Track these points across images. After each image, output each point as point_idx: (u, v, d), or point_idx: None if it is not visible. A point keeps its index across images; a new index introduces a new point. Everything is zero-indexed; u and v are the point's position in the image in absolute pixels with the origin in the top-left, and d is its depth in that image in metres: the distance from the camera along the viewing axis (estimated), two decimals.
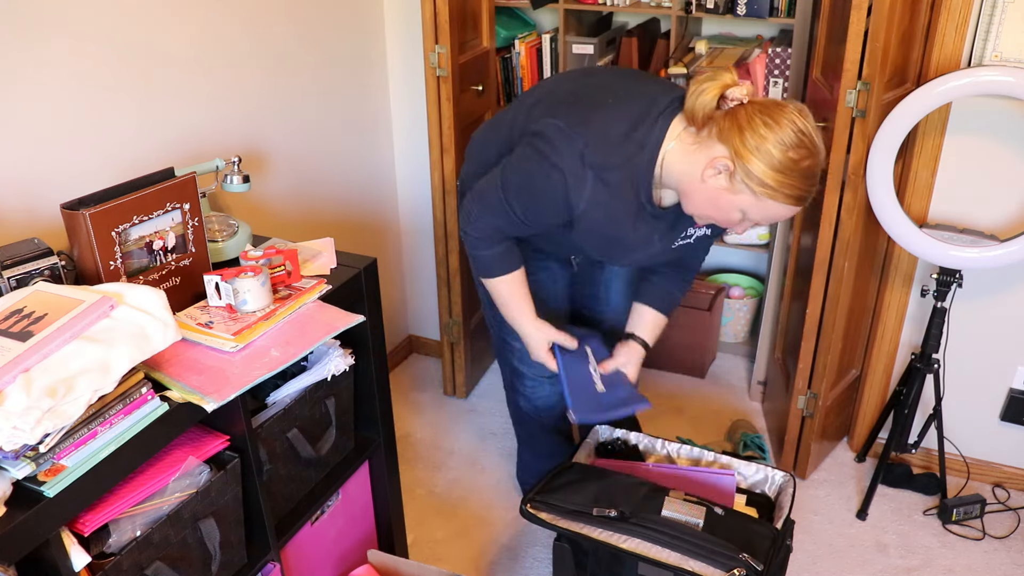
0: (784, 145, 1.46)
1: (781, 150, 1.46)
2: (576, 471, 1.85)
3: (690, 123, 1.56)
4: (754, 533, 1.68)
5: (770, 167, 1.47)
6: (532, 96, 1.79)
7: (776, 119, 1.47)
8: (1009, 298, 2.27)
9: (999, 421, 2.43)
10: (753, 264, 3.27)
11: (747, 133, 1.47)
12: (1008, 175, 2.14)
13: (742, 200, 1.53)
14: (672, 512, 1.69)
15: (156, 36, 1.80)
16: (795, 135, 1.46)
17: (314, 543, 1.75)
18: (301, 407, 1.61)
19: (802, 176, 1.48)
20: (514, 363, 2.10)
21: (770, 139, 1.46)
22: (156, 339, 1.26)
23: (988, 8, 1.98)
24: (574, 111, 1.61)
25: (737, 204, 1.54)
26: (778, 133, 1.46)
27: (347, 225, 2.61)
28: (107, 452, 1.19)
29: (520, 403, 2.17)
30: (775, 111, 1.48)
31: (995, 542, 2.31)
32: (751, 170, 1.48)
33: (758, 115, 1.48)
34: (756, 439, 2.62)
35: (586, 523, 1.72)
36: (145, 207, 1.43)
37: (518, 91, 2.86)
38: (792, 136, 1.46)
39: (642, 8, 2.73)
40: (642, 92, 1.64)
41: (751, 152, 1.47)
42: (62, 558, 1.16)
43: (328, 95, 2.41)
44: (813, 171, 1.50)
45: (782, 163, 1.46)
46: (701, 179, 1.54)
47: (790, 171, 1.47)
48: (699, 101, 1.52)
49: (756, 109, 1.49)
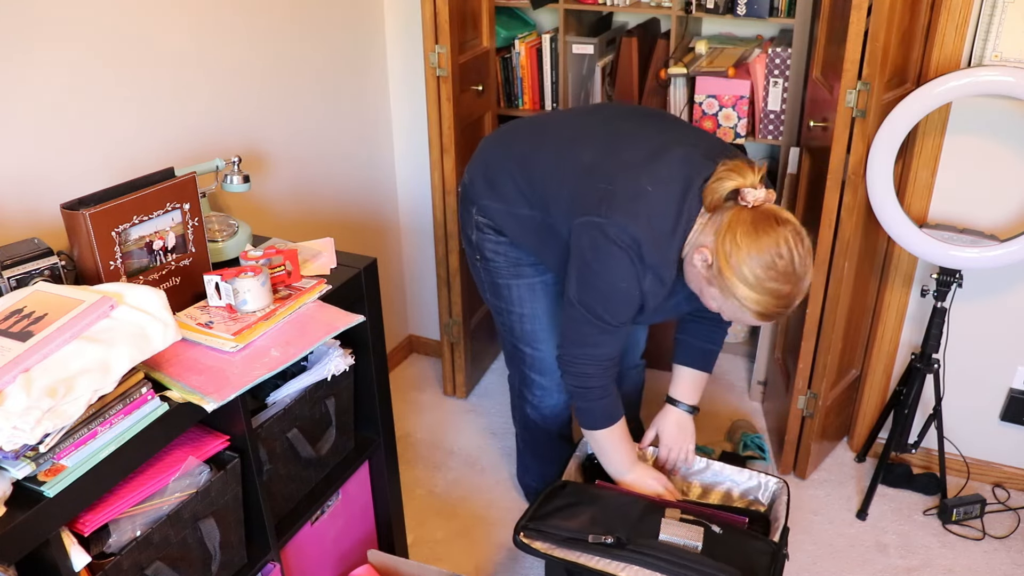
0: (756, 263, 1.48)
1: (751, 266, 1.49)
2: (569, 493, 1.81)
3: (703, 204, 1.58)
4: (753, 550, 1.67)
5: (738, 278, 1.50)
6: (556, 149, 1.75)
7: (761, 235, 1.48)
8: (1009, 298, 2.27)
9: (999, 421, 2.43)
10: None
11: (727, 238, 1.50)
12: (1008, 175, 2.14)
13: (713, 293, 1.57)
14: (670, 536, 1.66)
15: (156, 36, 1.80)
16: (772, 256, 1.48)
17: (314, 543, 1.75)
18: (301, 407, 1.61)
19: (769, 295, 1.50)
20: (524, 370, 2.09)
21: (743, 253, 1.49)
22: (156, 339, 1.26)
23: (988, 8, 1.98)
24: (620, 208, 1.59)
25: (711, 294, 1.58)
26: (755, 250, 1.48)
27: (347, 225, 2.61)
28: (107, 452, 1.19)
29: (527, 410, 2.16)
30: (766, 226, 1.49)
31: (995, 542, 2.31)
32: (724, 274, 1.51)
33: (747, 224, 1.49)
34: (756, 439, 2.62)
35: (583, 551, 1.68)
36: (145, 207, 1.43)
37: (518, 91, 2.85)
38: (768, 257, 1.48)
39: (642, 8, 2.73)
40: (678, 168, 1.61)
41: (725, 258, 1.50)
42: (62, 558, 1.16)
43: (328, 95, 2.41)
44: (783, 294, 1.51)
45: (748, 279, 1.49)
46: (691, 260, 1.59)
47: (755, 287, 1.50)
48: (713, 190, 1.55)
49: (750, 217, 1.50)
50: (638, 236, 1.57)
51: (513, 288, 1.97)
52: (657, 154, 1.64)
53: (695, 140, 1.69)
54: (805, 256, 1.51)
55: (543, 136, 1.83)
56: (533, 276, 1.96)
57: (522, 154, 1.82)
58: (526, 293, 1.97)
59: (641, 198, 1.59)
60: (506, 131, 1.93)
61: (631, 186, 1.60)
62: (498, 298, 2.01)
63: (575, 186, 1.68)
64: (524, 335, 2.02)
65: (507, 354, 2.15)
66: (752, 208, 1.52)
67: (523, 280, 1.96)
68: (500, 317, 2.05)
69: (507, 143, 1.89)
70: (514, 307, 1.99)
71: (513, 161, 1.83)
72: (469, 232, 1.97)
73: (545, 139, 1.81)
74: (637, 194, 1.59)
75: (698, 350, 2.00)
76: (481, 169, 1.90)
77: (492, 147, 1.92)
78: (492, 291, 2.02)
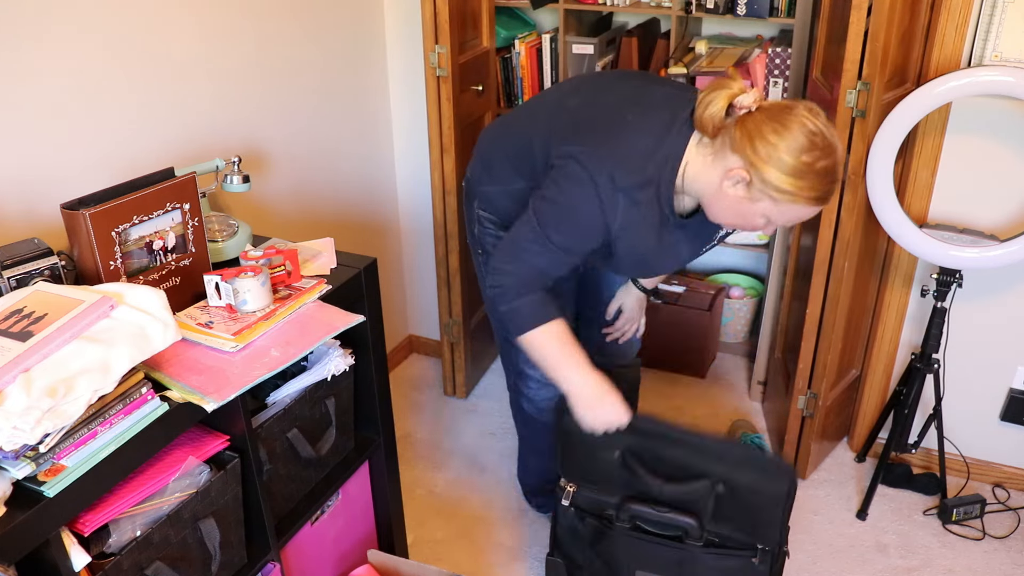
0: (797, 150, 1.44)
1: (794, 155, 1.44)
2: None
3: (703, 134, 1.55)
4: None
5: (785, 173, 1.45)
6: (545, 108, 1.77)
7: (786, 124, 1.45)
8: (1009, 298, 2.27)
9: (999, 421, 2.43)
10: (753, 264, 3.27)
11: (758, 142, 1.46)
12: (1008, 175, 2.14)
13: (763, 207, 1.52)
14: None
15: (156, 36, 1.80)
16: (807, 138, 1.44)
17: (314, 543, 1.75)
18: (301, 407, 1.61)
19: (820, 176, 1.47)
20: (519, 365, 2.09)
21: (781, 146, 1.44)
22: (156, 339, 1.26)
23: (988, 8, 1.98)
24: (598, 134, 1.60)
25: (759, 211, 1.53)
26: (789, 138, 1.44)
27: (347, 225, 2.61)
28: (107, 452, 1.19)
29: (523, 404, 2.16)
30: (784, 115, 1.46)
31: (995, 542, 2.31)
32: (767, 178, 1.47)
33: (767, 122, 1.46)
34: (756, 439, 2.62)
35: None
36: (145, 207, 1.43)
37: (518, 91, 2.86)
38: (804, 139, 1.45)
39: (642, 8, 2.73)
40: (662, 104, 1.62)
41: (764, 161, 1.46)
42: (62, 558, 1.16)
43: (328, 95, 2.41)
44: (831, 170, 1.48)
45: (797, 168, 1.45)
46: (720, 190, 1.54)
47: (806, 174, 1.46)
48: (707, 113, 1.51)
49: (765, 116, 1.47)
50: (611, 160, 1.55)
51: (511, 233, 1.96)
52: (639, 94, 1.66)
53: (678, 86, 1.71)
54: (829, 124, 1.49)
55: (534, 108, 1.84)
56: None
57: (515, 128, 1.83)
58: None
59: (622, 128, 1.59)
60: (500, 119, 1.95)
61: (614, 118, 1.61)
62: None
63: (561, 129, 1.68)
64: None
65: (502, 349, 2.15)
66: (757, 110, 1.49)
67: None
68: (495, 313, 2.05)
69: (503, 127, 1.90)
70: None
71: (506, 138, 1.84)
72: (472, 227, 1.98)
73: (537, 109, 1.82)
74: (618, 125, 1.60)
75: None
76: (479, 156, 1.93)
77: (488, 132, 1.94)
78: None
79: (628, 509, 1.74)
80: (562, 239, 1.62)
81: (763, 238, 2.87)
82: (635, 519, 1.75)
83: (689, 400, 2.90)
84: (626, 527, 1.76)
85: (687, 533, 1.71)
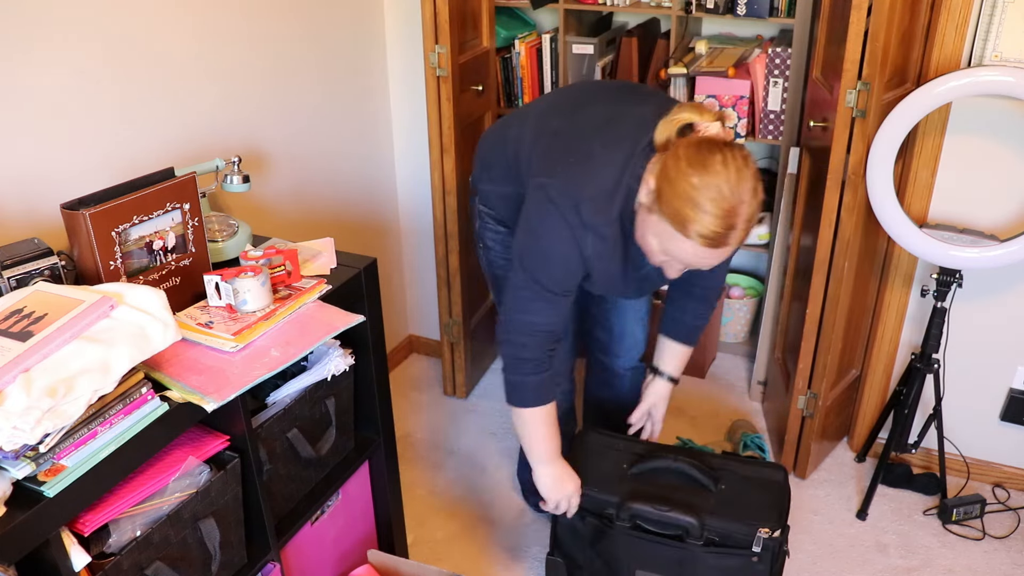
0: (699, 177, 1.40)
1: (694, 181, 1.40)
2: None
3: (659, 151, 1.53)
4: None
5: (679, 196, 1.42)
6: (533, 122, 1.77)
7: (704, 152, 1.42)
8: (1009, 298, 2.27)
9: (999, 421, 2.43)
10: (753, 264, 3.27)
11: (669, 158, 1.45)
12: (1008, 175, 2.14)
13: (652, 221, 1.49)
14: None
15: (156, 36, 1.80)
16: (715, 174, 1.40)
17: (314, 543, 1.75)
18: (301, 407, 1.61)
19: (713, 214, 1.41)
20: None
21: (684, 166, 1.42)
22: (156, 339, 1.26)
23: (988, 8, 1.98)
24: (569, 167, 1.59)
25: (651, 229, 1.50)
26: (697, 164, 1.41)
27: (347, 225, 2.61)
28: (107, 452, 1.19)
29: None
30: (710, 147, 1.42)
31: (995, 542, 2.31)
32: (663, 195, 1.44)
33: (693, 145, 1.44)
34: (756, 439, 2.62)
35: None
36: (145, 207, 1.43)
37: (518, 91, 2.86)
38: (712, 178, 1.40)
39: (642, 8, 2.73)
40: (630, 130, 1.59)
41: (667, 176, 1.43)
42: (62, 558, 1.16)
43: (328, 95, 2.41)
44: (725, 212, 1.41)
45: (694, 193, 1.40)
46: (639, 202, 1.54)
47: (699, 206, 1.40)
48: (668, 121, 1.50)
49: (697, 140, 1.45)
50: (578, 196, 1.56)
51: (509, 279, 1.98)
52: (613, 118, 1.64)
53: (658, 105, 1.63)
54: (750, 178, 1.42)
55: (528, 112, 1.84)
56: None
57: (508, 135, 1.84)
58: None
59: (589, 159, 1.58)
60: (504, 119, 1.96)
61: (583, 148, 1.60)
62: (497, 289, 2.03)
63: (540, 152, 1.69)
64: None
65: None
66: (708, 136, 1.46)
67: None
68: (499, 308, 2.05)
69: (503, 127, 1.91)
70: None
71: (501, 143, 1.85)
72: (475, 222, 2.00)
73: (529, 114, 1.83)
74: (587, 155, 1.59)
75: (684, 325, 1.98)
76: (480, 155, 1.95)
77: (488, 134, 1.96)
78: (492, 281, 2.04)
79: (628, 508, 1.74)
80: (559, 285, 1.65)
81: (763, 238, 2.87)
82: (635, 518, 1.75)
83: (689, 400, 2.90)
84: (626, 526, 1.76)
85: (687, 532, 1.71)
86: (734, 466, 1.83)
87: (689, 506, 1.71)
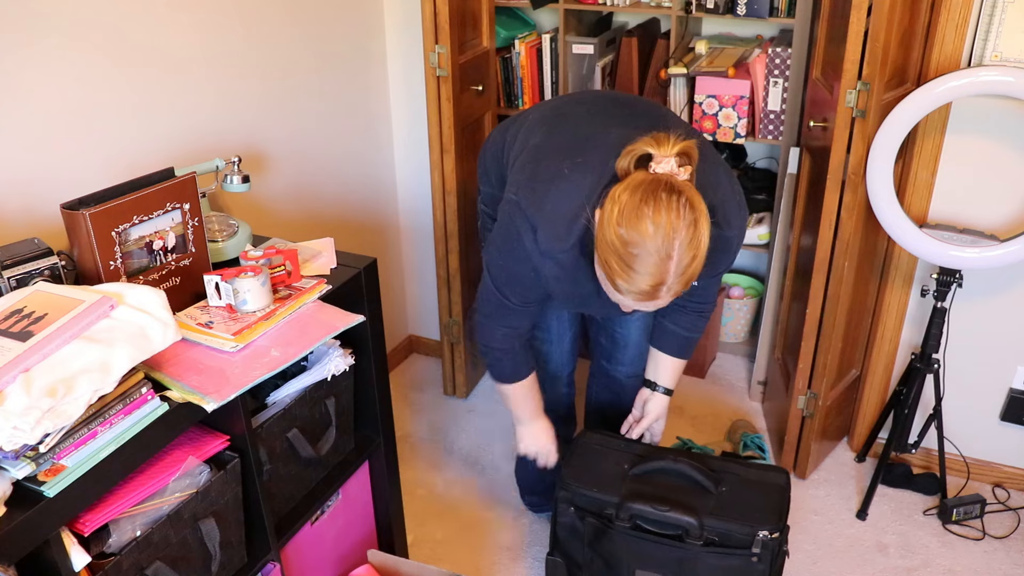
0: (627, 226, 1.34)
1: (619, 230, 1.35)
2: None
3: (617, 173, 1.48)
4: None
5: (604, 242, 1.38)
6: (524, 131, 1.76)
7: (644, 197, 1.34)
8: (1009, 298, 2.27)
9: (999, 421, 2.43)
10: (753, 264, 3.27)
11: (611, 196, 1.39)
12: (1008, 175, 2.14)
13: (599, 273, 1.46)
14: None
15: (156, 36, 1.80)
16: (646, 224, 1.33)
17: (314, 543, 1.75)
18: (301, 407, 1.61)
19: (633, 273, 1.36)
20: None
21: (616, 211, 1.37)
22: (156, 339, 1.26)
23: (988, 8, 1.98)
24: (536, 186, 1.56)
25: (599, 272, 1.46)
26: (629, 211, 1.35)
27: (347, 225, 2.61)
28: (107, 452, 1.19)
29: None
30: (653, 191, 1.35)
31: (995, 542, 2.31)
32: (597, 235, 1.42)
33: (636, 185, 1.37)
34: (756, 439, 2.62)
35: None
36: (145, 207, 1.43)
37: (518, 91, 2.86)
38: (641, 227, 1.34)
39: (642, 8, 2.73)
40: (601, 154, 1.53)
41: (602, 217, 1.40)
42: (62, 558, 1.16)
43: (328, 95, 2.41)
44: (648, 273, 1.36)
45: (618, 243, 1.36)
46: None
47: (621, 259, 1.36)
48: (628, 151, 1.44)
49: (643, 180, 1.37)
50: (536, 219, 1.54)
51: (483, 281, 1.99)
52: (589, 138, 1.59)
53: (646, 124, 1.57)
54: (683, 228, 1.33)
55: (524, 118, 1.84)
56: None
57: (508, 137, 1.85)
58: None
59: (555, 181, 1.54)
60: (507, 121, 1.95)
61: (552, 168, 1.57)
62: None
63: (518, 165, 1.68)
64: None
65: None
66: (654, 175, 1.38)
67: None
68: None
69: (502, 128, 1.92)
70: None
71: (501, 144, 1.87)
72: (479, 220, 2.02)
73: (524, 121, 1.82)
74: (553, 176, 1.55)
75: (678, 338, 1.93)
76: (482, 156, 1.97)
77: (493, 133, 1.97)
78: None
79: (628, 508, 1.74)
80: (520, 298, 1.71)
81: (763, 238, 2.87)
82: (635, 518, 1.75)
83: (689, 400, 2.89)
84: (626, 526, 1.76)
85: (687, 532, 1.71)
86: (736, 469, 1.83)
87: (689, 506, 1.71)
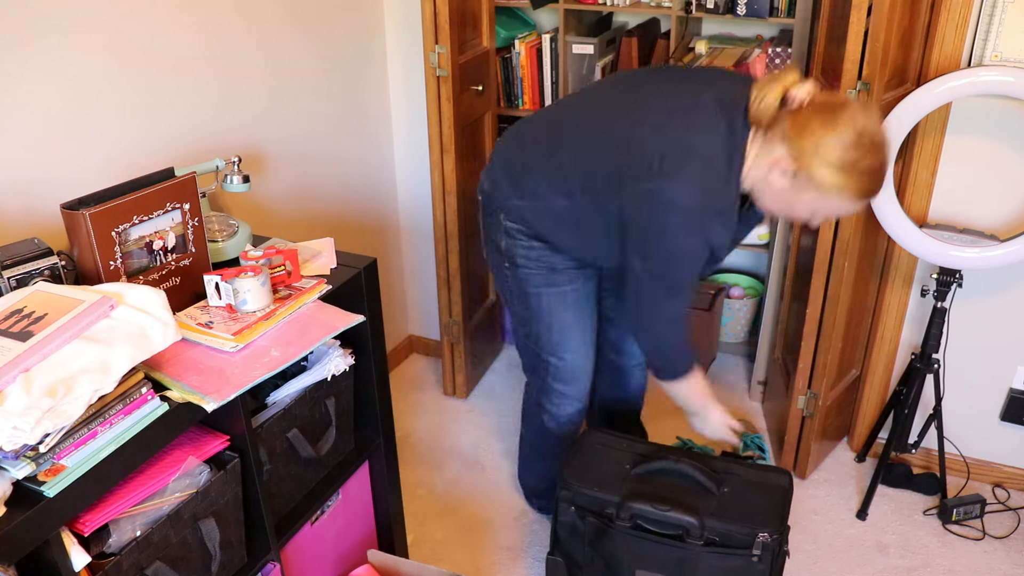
0: (843, 146, 1.47)
1: (840, 151, 1.47)
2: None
3: (756, 127, 1.58)
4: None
5: (829, 167, 1.49)
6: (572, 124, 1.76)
7: (835, 119, 1.48)
8: (1009, 298, 2.27)
9: (999, 421, 2.43)
10: (753, 264, 3.27)
11: (805, 136, 1.49)
12: (1008, 175, 2.14)
13: (807, 199, 1.56)
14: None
15: (156, 36, 1.80)
16: (854, 135, 1.47)
17: (314, 543, 1.75)
18: (301, 407, 1.61)
19: (863, 174, 1.50)
20: (548, 380, 2.07)
21: (828, 141, 1.48)
22: (156, 339, 1.26)
23: (988, 8, 1.98)
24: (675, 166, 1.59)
25: (803, 202, 1.57)
26: (836, 134, 1.47)
27: (347, 225, 2.61)
28: (107, 452, 1.19)
29: (544, 419, 2.14)
30: (835, 111, 1.49)
31: (995, 542, 2.31)
32: (812, 172, 1.50)
33: (817, 116, 1.49)
34: (756, 439, 2.61)
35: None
36: (145, 207, 1.43)
37: (518, 91, 2.85)
38: (851, 136, 1.47)
39: (642, 8, 2.73)
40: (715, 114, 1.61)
41: (810, 155, 1.49)
42: (62, 558, 1.16)
43: (328, 95, 2.41)
44: (875, 168, 1.50)
45: (842, 164, 1.48)
46: (766, 179, 1.58)
47: (851, 171, 1.49)
48: (761, 107, 1.54)
49: (815, 110, 1.50)
50: (696, 190, 1.58)
51: (543, 297, 1.94)
52: (689, 108, 1.64)
53: (717, 82, 1.69)
54: (880, 123, 1.51)
55: (560, 125, 1.82)
56: (564, 284, 1.94)
57: (544, 147, 1.80)
58: (556, 302, 1.95)
59: (691, 153, 1.59)
60: (515, 132, 1.91)
61: (677, 144, 1.60)
62: (526, 307, 1.98)
63: (616, 161, 1.67)
64: (551, 345, 2.00)
65: (528, 363, 2.12)
66: (809, 103, 1.52)
67: (553, 289, 1.93)
68: (526, 327, 2.01)
69: (521, 141, 1.87)
70: (543, 316, 1.96)
71: (537, 157, 1.81)
72: (497, 239, 1.93)
73: (564, 126, 1.80)
74: (686, 150, 1.60)
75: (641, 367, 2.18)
76: (503, 172, 1.88)
77: (508, 149, 1.90)
78: (521, 300, 1.98)
79: (629, 508, 1.74)
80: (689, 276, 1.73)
81: (763, 238, 2.87)
82: (635, 518, 1.75)
83: None
84: (626, 526, 1.76)
85: (688, 532, 1.71)
86: (738, 469, 1.83)
87: (690, 506, 1.71)
